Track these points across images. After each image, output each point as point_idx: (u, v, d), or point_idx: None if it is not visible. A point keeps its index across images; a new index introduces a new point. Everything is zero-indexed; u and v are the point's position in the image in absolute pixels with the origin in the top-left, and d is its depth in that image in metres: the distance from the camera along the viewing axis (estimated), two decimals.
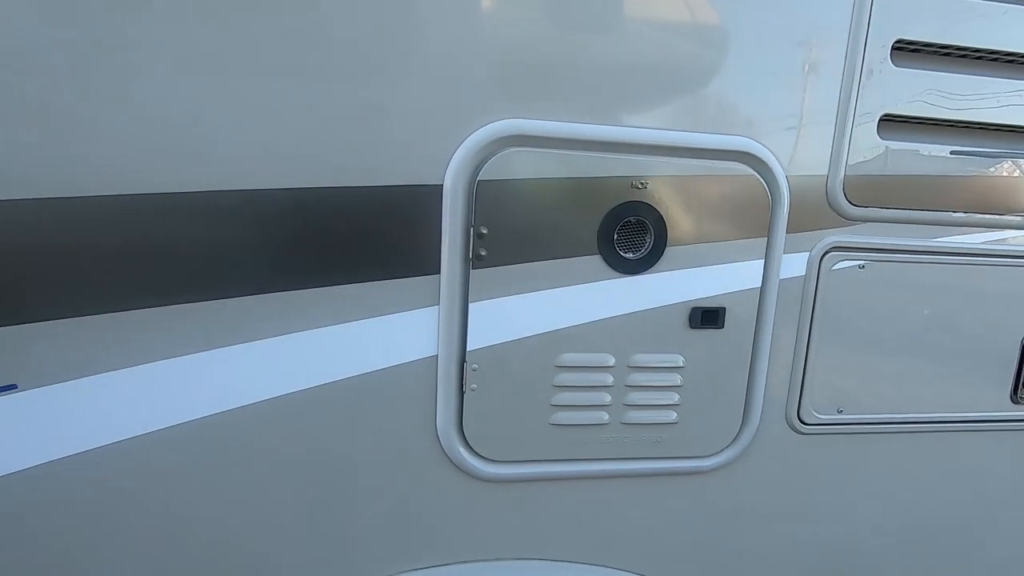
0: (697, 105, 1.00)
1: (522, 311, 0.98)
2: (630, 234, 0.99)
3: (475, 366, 0.98)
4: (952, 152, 1.08)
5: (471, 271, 0.95)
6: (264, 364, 0.92)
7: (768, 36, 0.99)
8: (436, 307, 0.96)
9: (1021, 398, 1.19)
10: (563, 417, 1.03)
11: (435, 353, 0.98)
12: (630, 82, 0.96)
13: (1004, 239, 1.14)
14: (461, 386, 0.99)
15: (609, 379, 1.03)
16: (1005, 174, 1.13)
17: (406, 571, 1.05)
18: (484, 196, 0.93)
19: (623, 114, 0.97)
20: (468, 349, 0.98)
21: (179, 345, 0.89)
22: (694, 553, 1.17)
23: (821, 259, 1.07)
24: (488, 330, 0.98)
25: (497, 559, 1.08)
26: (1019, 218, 1.14)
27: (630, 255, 0.99)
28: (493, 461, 1.03)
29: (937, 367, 1.17)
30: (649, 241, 0.99)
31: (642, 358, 1.03)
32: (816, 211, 1.06)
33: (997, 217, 1.13)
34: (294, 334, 0.93)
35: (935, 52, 1.04)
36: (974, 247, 1.13)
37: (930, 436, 1.20)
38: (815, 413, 1.13)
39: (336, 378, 0.95)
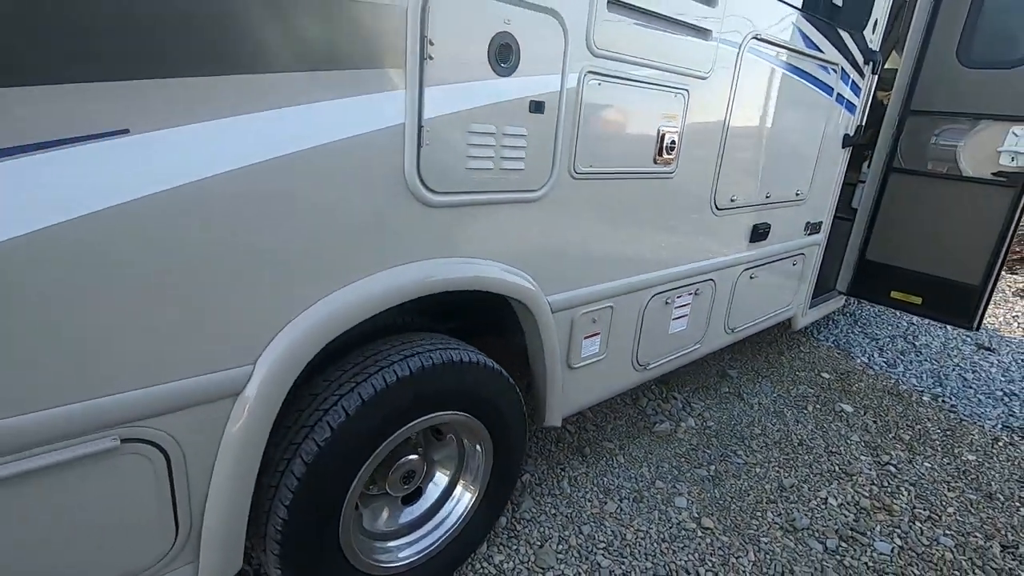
0: None
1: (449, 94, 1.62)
2: None
3: (428, 129, 1.59)
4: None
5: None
6: (271, 131, 1.34)
7: None
8: (403, 91, 1.53)
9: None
10: (474, 164, 1.75)
11: (403, 120, 1.55)
12: None
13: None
14: (419, 143, 1.60)
15: (492, 141, 1.77)
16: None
17: (382, 270, 1.66)
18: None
19: None
20: (424, 117, 1.58)
21: (186, 114, 1.21)
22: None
23: None
24: (437, 104, 1.60)
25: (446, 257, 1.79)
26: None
27: None
28: (439, 193, 1.69)
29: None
30: None
31: (512, 128, 1.80)
32: None
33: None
34: (301, 106, 1.36)
35: None
36: None
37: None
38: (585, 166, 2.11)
39: (336, 138, 1.45)
